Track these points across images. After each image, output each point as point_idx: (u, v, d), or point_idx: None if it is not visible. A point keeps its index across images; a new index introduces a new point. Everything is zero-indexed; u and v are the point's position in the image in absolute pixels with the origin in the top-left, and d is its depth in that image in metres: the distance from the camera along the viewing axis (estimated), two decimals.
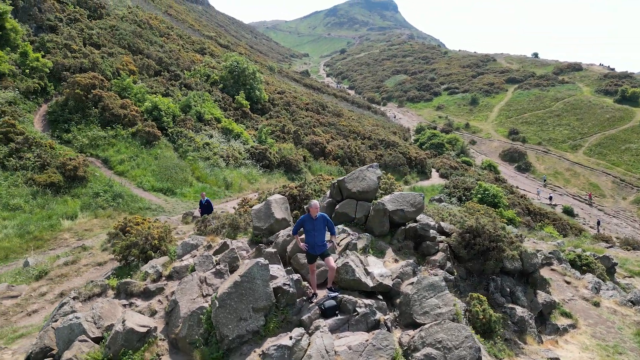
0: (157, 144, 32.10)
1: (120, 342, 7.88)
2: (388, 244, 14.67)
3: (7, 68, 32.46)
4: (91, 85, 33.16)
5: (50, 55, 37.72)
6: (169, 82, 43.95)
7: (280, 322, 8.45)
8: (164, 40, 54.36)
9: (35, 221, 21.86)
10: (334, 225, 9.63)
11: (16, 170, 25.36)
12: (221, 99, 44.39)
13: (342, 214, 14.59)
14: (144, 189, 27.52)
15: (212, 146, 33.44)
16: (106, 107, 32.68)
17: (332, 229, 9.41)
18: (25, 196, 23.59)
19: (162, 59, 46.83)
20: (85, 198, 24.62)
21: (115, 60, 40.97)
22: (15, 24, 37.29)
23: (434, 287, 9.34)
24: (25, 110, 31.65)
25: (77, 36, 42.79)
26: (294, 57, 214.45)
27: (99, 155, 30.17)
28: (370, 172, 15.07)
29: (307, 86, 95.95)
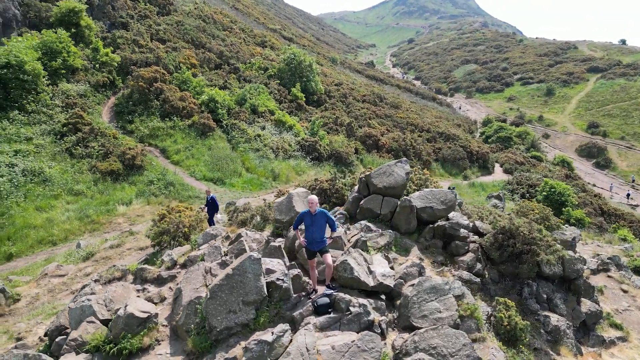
0: (211, 135, 33.33)
1: (121, 326, 8.30)
2: (414, 242, 14.24)
3: (80, 63, 35.13)
4: (153, 78, 35.05)
5: (119, 50, 40.31)
6: (228, 75, 45.36)
7: (272, 316, 8.49)
8: (227, 34, 56.11)
9: (94, 206, 23.61)
10: (335, 221, 9.41)
11: (82, 158, 27.50)
12: (277, 92, 45.11)
13: (366, 210, 14.33)
14: (196, 178, 28.74)
15: (263, 138, 34.14)
16: (166, 100, 34.40)
17: (332, 225, 9.25)
18: (88, 182, 25.53)
19: (222, 53, 48.40)
20: (141, 185, 26.18)
21: (178, 55, 42.94)
22: (89, 22, 40.22)
23: (435, 290, 8.91)
24: (95, 102, 34.14)
25: (145, 32, 45.32)
26: (360, 48, 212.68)
27: (157, 145, 31.91)
28: (398, 168, 14.63)
29: (370, 77, 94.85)
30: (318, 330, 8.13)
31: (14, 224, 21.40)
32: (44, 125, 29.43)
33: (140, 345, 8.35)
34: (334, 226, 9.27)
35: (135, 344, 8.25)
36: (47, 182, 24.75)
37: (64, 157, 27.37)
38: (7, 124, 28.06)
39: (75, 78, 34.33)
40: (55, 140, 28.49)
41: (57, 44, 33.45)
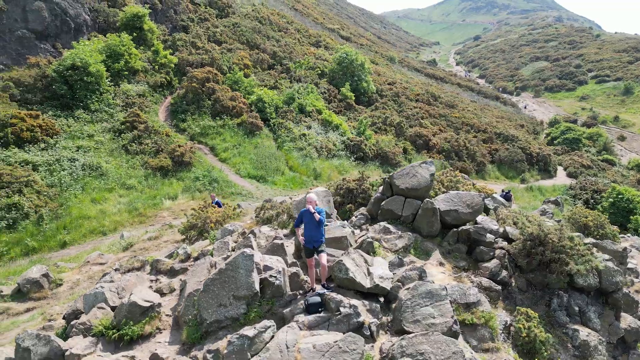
0: (258, 133, 34.18)
1: (124, 313, 8.80)
2: (436, 245, 13.85)
3: (140, 65, 37.35)
4: (206, 78, 36.51)
5: (178, 52, 42.38)
6: (280, 75, 46.23)
7: (264, 312, 8.62)
8: (281, 34, 57.17)
9: (143, 200, 25.05)
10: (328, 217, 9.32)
11: (136, 154, 29.25)
12: (326, 91, 45.33)
13: (387, 211, 14.11)
14: (241, 175, 29.61)
15: (308, 137, 34.48)
16: (217, 99, 35.72)
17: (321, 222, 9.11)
18: (139, 177, 27.13)
19: (276, 53, 49.39)
20: (187, 181, 27.41)
21: (232, 56, 44.39)
22: (152, 25, 42.63)
23: (431, 295, 8.61)
24: (152, 102, 36.16)
25: (203, 34, 47.28)
26: (423, 46, 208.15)
27: (207, 143, 33.22)
28: (422, 169, 14.25)
29: (429, 76, 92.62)
30: (306, 329, 8.15)
31: (70, 214, 23.21)
32: (105, 123, 31.63)
33: (141, 332, 8.79)
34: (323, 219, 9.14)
35: (136, 331, 8.71)
36: (103, 176, 26.58)
37: (120, 153, 29.27)
38: (72, 122, 30.45)
39: (135, 79, 36.56)
40: (114, 137, 30.53)
41: (120, 47, 35.78)
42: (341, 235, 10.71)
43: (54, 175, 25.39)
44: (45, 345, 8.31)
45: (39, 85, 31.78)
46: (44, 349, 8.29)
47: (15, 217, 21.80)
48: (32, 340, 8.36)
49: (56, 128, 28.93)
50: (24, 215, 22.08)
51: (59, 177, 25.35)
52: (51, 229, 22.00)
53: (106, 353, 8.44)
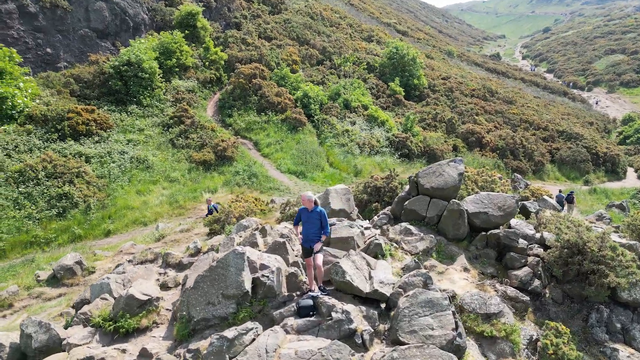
0: (301, 129, 34.09)
1: (121, 306, 8.88)
2: (462, 249, 12.99)
3: (191, 61, 38.46)
4: (252, 74, 36.93)
5: (229, 49, 43.21)
6: (328, 70, 45.90)
7: (255, 313, 8.35)
8: (333, 30, 56.75)
9: (184, 192, 25.73)
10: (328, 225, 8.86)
11: (182, 148, 30.14)
12: (375, 86, 44.43)
13: (410, 211, 13.40)
14: (281, 170, 29.66)
15: (351, 133, 33.93)
16: (263, 95, 36.02)
17: (324, 226, 8.68)
18: (183, 171, 27.91)
19: (325, 49, 49.09)
20: (228, 175, 27.84)
21: (281, 52, 44.63)
22: (205, 23, 43.75)
23: (432, 305, 7.92)
24: (201, 98, 37.13)
25: (254, 31, 47.93)
26: (487, 39, 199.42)
27: (251, 138, 33.62)
28: (450, 168, 13.38)
29: (490, 70, 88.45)
30: (294, 333, 7.80)
31: (116, 204, 24.28)
32: (155, 118, 32.88)
33: (137, 326, 8.83)
34: (326, 228, 8.72)
35: (132, 324, 8.75)
36: (149, 169, 27.61)
37: (167, 146, 30.29)
38: (125, 116, 31.90)
39: (186, 75, 37.71)
40: (162, 132, 31.65)
41: (172, 44, 37.01)
42: (348, 236, 10.21)
43: (104, 167, 26.70)
44: (45, 332, 8.55)
45: (97, 81, 33.58)
46: (43, 337, 8.52)
47: (65, 206, 23.12)
48: (34, 327, 8.63)
49: (110, 122, 30.41)
50: (74, 205, 23.37)
51: (108, 169, 26.63)
52: (97, 218, 23.12)
53: (100, 344, 8.52)
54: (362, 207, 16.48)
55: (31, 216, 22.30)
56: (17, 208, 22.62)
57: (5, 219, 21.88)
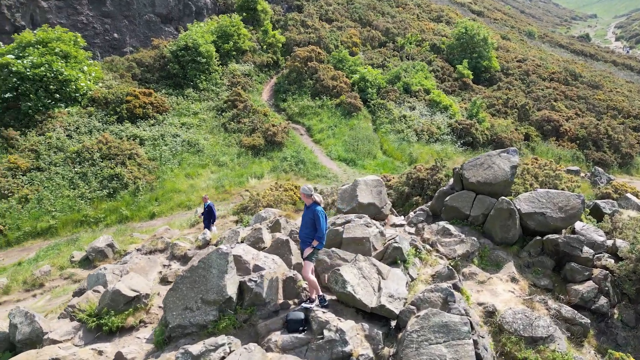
0: (356, 114, 32.53)
1: (107, 301, 8.19)
2: (512, 256, 11.09)
3: (249, 45, 38.06)
4: (308, 57, 35.80)
5: (287, 31, 42.35)
6: (391, 53, 43.63)
7: (240, 322, 7.26)
8: (399, 10, 53.94)
9: (231, 177, 25.35)
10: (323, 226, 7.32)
11: (234, 132, 29.85)
12: (440, 69, 41.51)
13: (451, 208, 11.66)
14: (331, 157, 28.43)
15: (408, 119, 31.81)
16: (319, 79, 34.81)
17: (318, 228, 7.23)
18: (232, 155, 27.58)
19: (388, 30, 46.70)
20: (276, 161, 27.10)
21: (342, 34, 43.02)
22: (265, 6, 43.19)
23: (447, 330, 6.36)
24: (257, 82, 36.68)
25: (315, 13, 46.65)
26: (575, 19, 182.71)
27: (304, 124, 32.64)
28: (501, 159, 11.42)
29: (576, 52, 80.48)
30: (278, 351, 6.63)
31: (164, 187, 24.42)
32: (210, 101, 32.90)
33: (122, 324, 8.13)
34: (320, 232, 7.22)
35: (116, 322, 8.06)
36: (200, 153, 27.58)
37: (220, 130, 30.13)
38: (181, 100, 32.20)
39: (243, 59, 37.39)
40: (216, 116, 31.57)
41: (230, 28, 36.76)
42: (362, 236, 8.79)
43: (156, 149, 27.03)
44: (29, 325, 8.08)
45: (157, 65, 34.19)
46: (27, 329, 8.06)
47: (116, 187, 23.59)
48: (20, 318, 8.20)
49: (166, 105, 30.80)
50: (124, 186, 23.78)
51: (160, 151, 26.92)
52: (144, 200, 23.36)
53: (83, 342, 7.90)
54: (403, 201, 14.86)
55: (84, 196, 22.97)
56: (72, 187, 23.42)
57: (60, 198, 22.72)
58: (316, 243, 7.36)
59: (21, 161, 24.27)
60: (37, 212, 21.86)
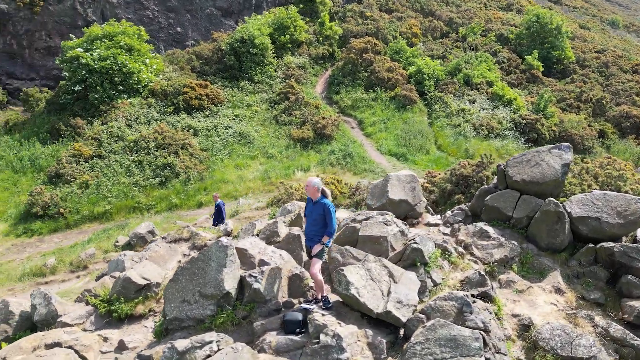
0: (410, 108, 31.32)
1: (118, 288, 8.18)
2: (559, 264, 9.95)
3: (305, 37, 37.86)
4: (364, 49, 34.95)
5: (345, 23, 41.68)
6: (453, 43, 41.64)
7: (239, 319, 6.91)
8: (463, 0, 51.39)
9: (278, 169, 25.30)
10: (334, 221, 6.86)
11: (284, 124, 29.82)
12: (506, 60, 38.92)
13: (492, 209, 10.63)
14: (381, 152, 27.58)
15: (467, 113, 30.09)
16: (373, 71, 33.92)
17: (329, 224, 6.76)
18: (281, 147, 27.55)
19: (452, 20, 44.56)
20: (324, 154, 26.70)
21: (401, 24, 41.66)
22: None
23: (455, 345, 5.60)
24: (312, 74, 36.44)
25: (375, 3, 45.56)
26: None
27: (356, 117, 31.95)
28: (551, 156, 10.24)
29: None
30: (272, 353, 6.21)
31: (213, 177, 24.87)
32: (264, 94, 33.11)
33: (131, 312, 8.08)
34: (331, 227, 6.76)
35: (125, 310, 8.03)
36: (250, 144, 27.82)
37: (271, 123, 30.23)
38: (236, 92, 32.68)
39: (298, 51, 37.27)
40: (269, 108, 31.71)
41: (287, 20, 36.73)
42: (379, 235, 8.12)
43: (208, 140, 27.60)
44: (46, 306, 8.27)
45: (215, 58, 34.94)
46: (43, 310, 8.26)
47: (168, 176, 24.33)
48: (39, 299, 8.42)
49: (221, 97, 31.38)
50: (175, 174, 24.49)
51: (212, 142, 27.46)
52: (193, 189, 23.91)
53: (93, 327, 7.95)
54: (445, 199, 13.88)
55: (137, 183, 23.92)
56: (128, 175, 24.48)
57: (116, 185, 23.82)
58: (327, 239, 6.89)
59: (85, 149, 25.73)
60: (95, 198, 23.06)
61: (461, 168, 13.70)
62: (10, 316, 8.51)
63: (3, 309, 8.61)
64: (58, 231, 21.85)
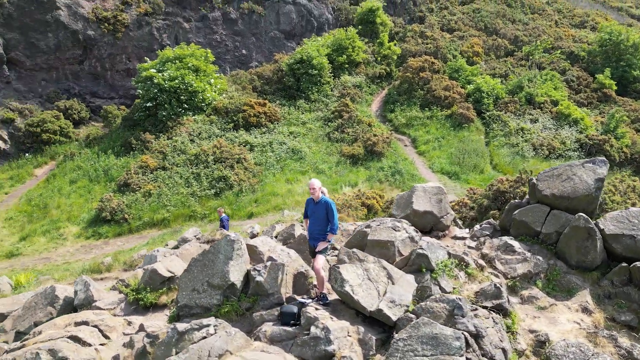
0: (467, 126, 30.69)
1: (145, 279, 8.94)
2: (589, 283, 9.51)
3: (362, 57, 38.53)
4: (420, 68, 34.91)
5: (404, 43, 41.91)
6: (518, 62, 40.37)
7: (243, 310, 7.33)
8: (533, 17, 49.58)
9: (326, 184, 25.70)
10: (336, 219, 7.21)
11: (336, 142, 30.40)
12: (575, 79, 36.98)
13: (520, 223, 10.35)
14: (433, 170, 27.21)
15: (526, 132, 28.91)
16: (430, 89, 33.73)
17: (332, 222, 7.12)
18: (331, 163, 28.08)
19: (517, 38, 43.25)
20: (373, 171, 26.84)
21: (463, 43, 41.14)
22: (384, 18, 43.37)
23: (435, 343, 5.60)
24: (367, 93, 36.90)
25: (437, 23, 45.42)
26: None
27: (410, 135, 31.82)
28: (584, 170, 9.84)
29: None
30: (266, 341, 6.54)
31: (264, 190, 25.84)
32: (319, 112, 34.01)
33: (155, 301, 8.78)
34: (334, 224, 7.14)
35: (150, 299, 8.73)
36: (302, 160, 28.62)
37: (324, 140, 30.94)
38: (292, 110, 33.87)
39: (356, 71, 37.98)
40: (322, 125, 32.50)
41: (345, 41, 37.67)
42: (387, 240, 8.21)
43: (263, 155, 28.78)
44: (85, 292, 9.18)
45: (275, 78, 36.52)
46: (82, 295, 9.17)
47: (222, 187, 25.67)
48: (80, 286, 9.37)
49: (278, 115, 32.69)
50: (229, 187, 25.77)
51: (266, 157, 28.60)
52: (245, 201, 24.98)
53: (123, 313, 8.73)
54: (482, 215, 13.54)
55: (194, 194, 25.44)
56: (186, 186, 26.12)
57: (176, 195, 25.48)
58: (331, 236, 7.30)
59: (151, 161, 27.84)
60: (156, 206, 24.80)
61: (498, 184, 13.33)
62: (55, 300, 9.53)
63: (50, 294, 9.67)
64: (122, 235, 23.73)
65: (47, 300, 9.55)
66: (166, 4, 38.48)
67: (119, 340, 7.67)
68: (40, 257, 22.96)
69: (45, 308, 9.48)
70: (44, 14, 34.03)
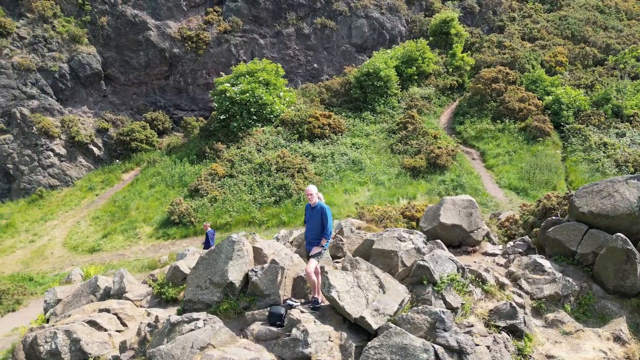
0: (542, 140, 28.75)
1: (169, 275, 9.61)
2: (630, 311, 8.71)
3: (433, 68, 37.74)
4: (493, 79, 33.40)
5: (479, 53, 40.39)
6: (609, 71, 37.08)
7: (241, 308, 7.61)
8: (629, 23, 45.17)
9: (384, 196, 25.50)
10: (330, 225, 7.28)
11: (399, 154, 30.01)
12: None
13: (554, 242, 9.67)
14: (500, 185, 25.83)
15: (609, 147, 26.37)
16: (503, 101, 32.14)
17: (326, 226, 7.21)
18: (391, 175, 27.76)
19: (609, 46, 39.69)
20: (433, 184, 26.08)
21: (544, 53, 38.72)
22: (459, 29, 42.21)
23: (404, 353, 5.48)
24: (437, 105, 36.02)
25: (517, 32, 43.21)
26: None
27: (479, 148, 30.51)
28: (627, 187, 9.06)
29: None
30: (252, 339, 6.78)
31: None
32: (384, 124, 33.86)
33: (175, 296, 9.40)
34: (327, 229, 7.21)
35: (171, 294, 9.38)
36: (361, 171, 28.64)
37: (386, 151, 30.70)
38: (358, 122, 34.08)
39: (425, 82, 37.28)
40: (386, 137, 32.28)
41: (415, 53, 37.21)
42: (391, 249, 8.04)
43: (323, 165, 29.23)
44: (119, 283, 10.07)
45: (342, 90, 37.04)
46: (117, 286, 10.07)
47: (282, 195, 26.46)
48: (117, 278, 10.30)
49: (342, 127, 33.06)
50: (288, 195, 26.49)
51: (326, 167, 29.01)
52: (301, 210, 25.47)
53: (148, 304, 9.46)
54: (527, 231, 12.67)
55: (255, 201, 26.50)
56: (249, 193, 27.29)
57: (239, 201, 26.73)
58: (325, 242, 7.41)
59: (220, 169, 29.51)
60: (220, 211, 26.20)
61: (547, 200, 12.39)
62: (97, 289, 10.55)
63: (93, 284, 10.72)
64: (187, 237, 25.36)
65: (91, 289, 10.60)
66: (244, 22, 40.80)
67: (134, 328, 8.32)
68: (116, 253, 25.28)
69: (88, 296, 10.52)
70: (137, 34, 37.73)
